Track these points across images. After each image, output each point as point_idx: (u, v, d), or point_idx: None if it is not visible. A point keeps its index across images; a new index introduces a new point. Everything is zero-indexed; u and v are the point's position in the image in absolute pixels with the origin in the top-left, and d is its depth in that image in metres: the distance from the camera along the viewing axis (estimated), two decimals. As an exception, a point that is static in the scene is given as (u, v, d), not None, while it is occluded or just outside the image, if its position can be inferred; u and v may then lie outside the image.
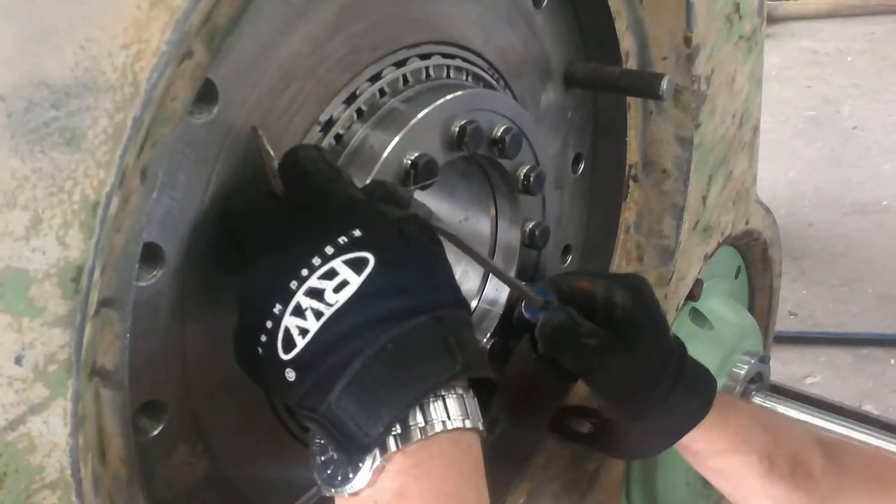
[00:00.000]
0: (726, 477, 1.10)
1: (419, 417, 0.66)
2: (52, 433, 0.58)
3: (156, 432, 0.77)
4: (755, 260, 1.74)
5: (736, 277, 1.73)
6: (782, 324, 3.19)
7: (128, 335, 0.69)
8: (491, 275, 1.09)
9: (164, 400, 0.77)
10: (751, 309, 1.81)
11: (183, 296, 0.76)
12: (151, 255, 0.71)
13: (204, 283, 0.77)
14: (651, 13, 1.15)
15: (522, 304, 1.06)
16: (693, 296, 1.44)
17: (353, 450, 0.64)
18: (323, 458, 0.68)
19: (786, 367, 3.09)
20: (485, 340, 1.09)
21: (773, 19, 6.45)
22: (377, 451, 0.64)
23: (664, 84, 1.08)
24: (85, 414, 0.63)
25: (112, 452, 0.70)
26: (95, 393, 0.66)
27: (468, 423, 0.68)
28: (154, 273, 0.72)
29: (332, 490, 0.67)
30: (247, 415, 0.84)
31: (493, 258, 1.11)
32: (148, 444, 0.76)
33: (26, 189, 0.53)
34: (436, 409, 0.66)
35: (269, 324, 0.67)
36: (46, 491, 0.59)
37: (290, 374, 0.66)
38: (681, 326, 1.46)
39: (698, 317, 1.50)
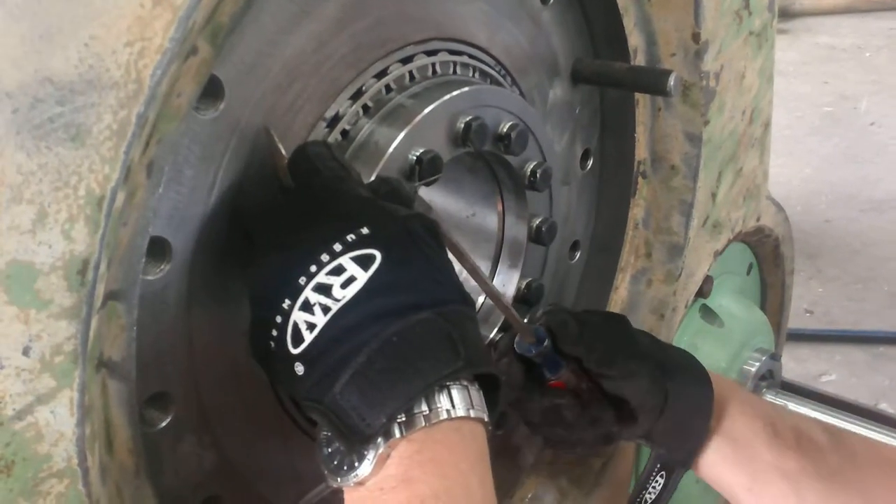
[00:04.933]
0: (735, 445, 1.04)
1: (423, 406, 0.66)
2: (59, 423, 0.60)
3: (163, 424, 0.78)
4: (767, 257, 1.73)
5: (747, 274, 1.73)
6: (798, 321, 3.18)
7: (135, 328, 0.70)
8: (497, 272, 1.10)
9: (171, 392, 0.78)
10: (763, 306, 1.81)
11: (191, 289, 0.77)
12: (159, 249, 0.73)
13: (212, 277, 0.78)
14: (659, 9, 1.15)
15: (516, 337, 1.00)
16: (703, 292, 1.44)
17: (356, 440, 0.65)
18: (329, 450, 0.69)
19: (801, 365, 3.07)
20: (492, 335, 1.09)
21: (790, 15, 6.41)
22: (381, 440, 0.65)
23: (671, 81, 1.08)
24: (92, 405, 0.64)
25: (119, 443, 0.71)
26: (102, 384, 0.68)
27: (473, 413, 0.69)
28: (162, 267, 0.74)
29: (339, 480, 0.67)
30: (253, 406, 0.85)
31: (500, 254, 1.12)
32: (156, 436, 0.77)
33: (32, 184, 0.54)
34: (440, 398, 0.67)
35: (278, 319, 0.68)
36: (54, 479, 0.60)
37: (299, 368, 0.67)
38: (690, 323, 1.46)
39: (708, 313, 1.49)
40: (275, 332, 0.69)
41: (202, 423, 0.81)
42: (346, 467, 0.67)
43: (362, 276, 0.67)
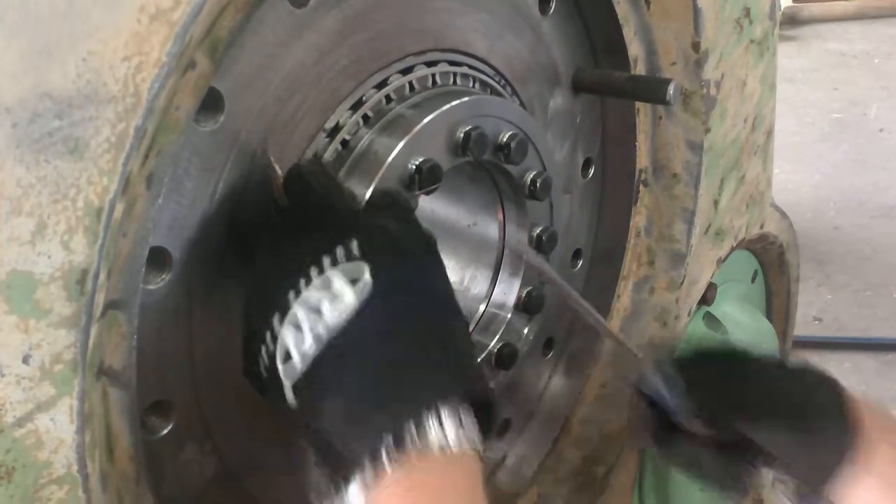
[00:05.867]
0: (888, 488, 0.93)
1: (412, 429, 0.64)
2: (59, 430, 0.60)
3: (164, 431, 0.79)
4: (772, 264, 1.73)
5: (752, 282, 1.73)
6: (807, 329, 3.16)
7: (135, 336, 0.71)
8: (498, 281, 1.11)
9: (172, 400, 0.79)
10: (768, 313, 1.80)
11: (191, 298, 0.78)
12: (159, 258, 0.74)
13: (212, 286, 0.79)
14: (659, 19, 1.15)
15: (636, 376, 0.99)
16: (706, 300, 1.44)
17: (341, 465, 0.64)
18: (320, 473, 0.67)
19: (810, 372, 3.05)
20: (492, 344, 1.10)
21: (799, 21, 6.39)
22: (367, 464, 0.63)
23: (671, 89, 1.08)
24: (92, 412, 0.65)
25: (120, 450, 0.72)
26: (103, 392, 0.68)
27: (463, 435, 0.66)
28: (162, 276, 0.75)
29: None
30: (254, 414, 0.86)
31: (501, 263, 1.12)
32: (157, 443, 0.78)
33: (31, 196, 0.55)
34: (430, 421, 0.65)
35: (268, 336, 0.68)
36: (54, 486, 0.61)
37: (287, 388, 0.67)
38: (694, 331, 1.46)
39: (712, 321, 1.49)
40: (264, 350, 0.69)
41: (203, 431, 0.82)
42: (333, 491, 0.65)
43: (350, 294, 0.66)
